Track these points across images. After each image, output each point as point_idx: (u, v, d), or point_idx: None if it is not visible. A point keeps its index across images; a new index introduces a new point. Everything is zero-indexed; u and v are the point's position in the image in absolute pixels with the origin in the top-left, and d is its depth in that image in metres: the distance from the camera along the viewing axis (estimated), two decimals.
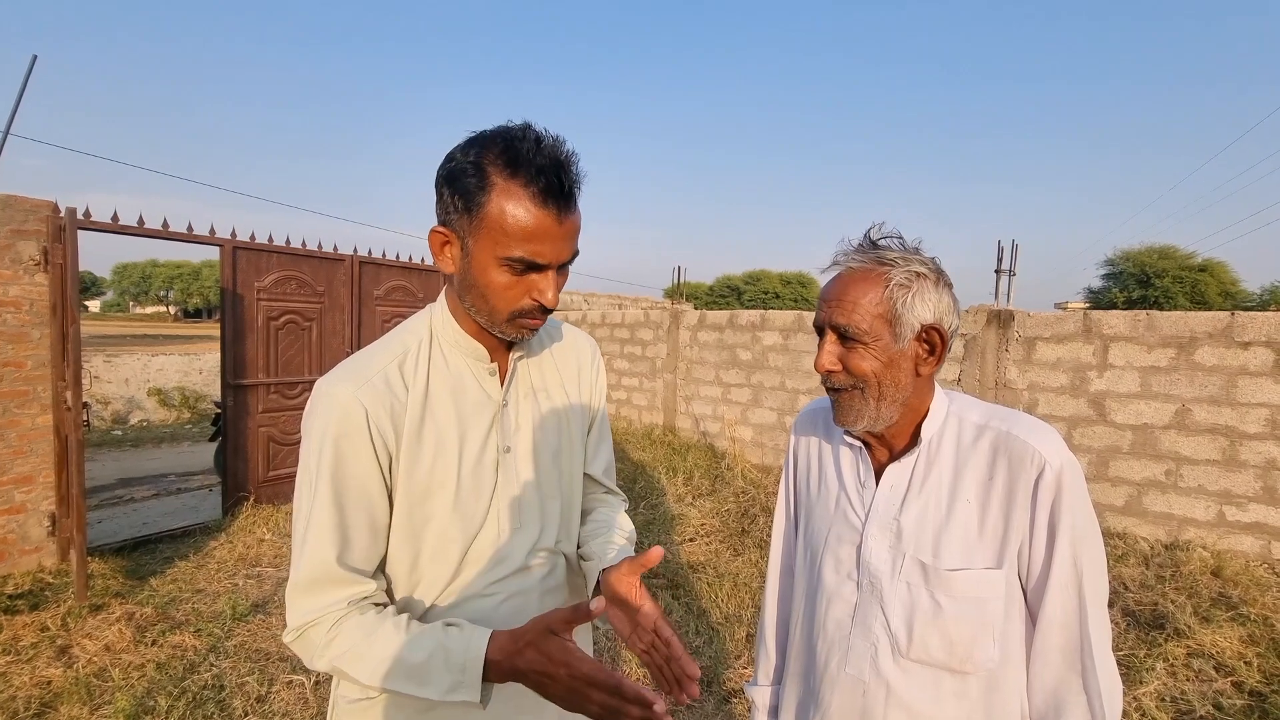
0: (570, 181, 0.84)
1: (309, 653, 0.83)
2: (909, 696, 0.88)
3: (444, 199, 0.85)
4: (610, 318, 8.33)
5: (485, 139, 0.83)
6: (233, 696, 2.56)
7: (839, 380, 0.89)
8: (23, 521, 3.59)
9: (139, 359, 10.55)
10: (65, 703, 2.47)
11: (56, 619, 3.07)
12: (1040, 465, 0.83)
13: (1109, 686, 0.83)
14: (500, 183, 0.81)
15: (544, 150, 0.82)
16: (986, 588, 0.85)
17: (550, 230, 0.83)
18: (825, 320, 0.89)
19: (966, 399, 0.95)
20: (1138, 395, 4.29)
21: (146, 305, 75.05)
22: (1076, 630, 0.83)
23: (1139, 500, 4.30)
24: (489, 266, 0.84)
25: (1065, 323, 4.58)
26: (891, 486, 0.92)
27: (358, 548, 0.86)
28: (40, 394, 3.62)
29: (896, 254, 0.87)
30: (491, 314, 0.89)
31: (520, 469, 0.97)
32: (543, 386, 1.04)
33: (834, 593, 0.95)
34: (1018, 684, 0.87)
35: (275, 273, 4.82)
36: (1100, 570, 0.85)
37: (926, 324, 0.86)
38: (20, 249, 3.53)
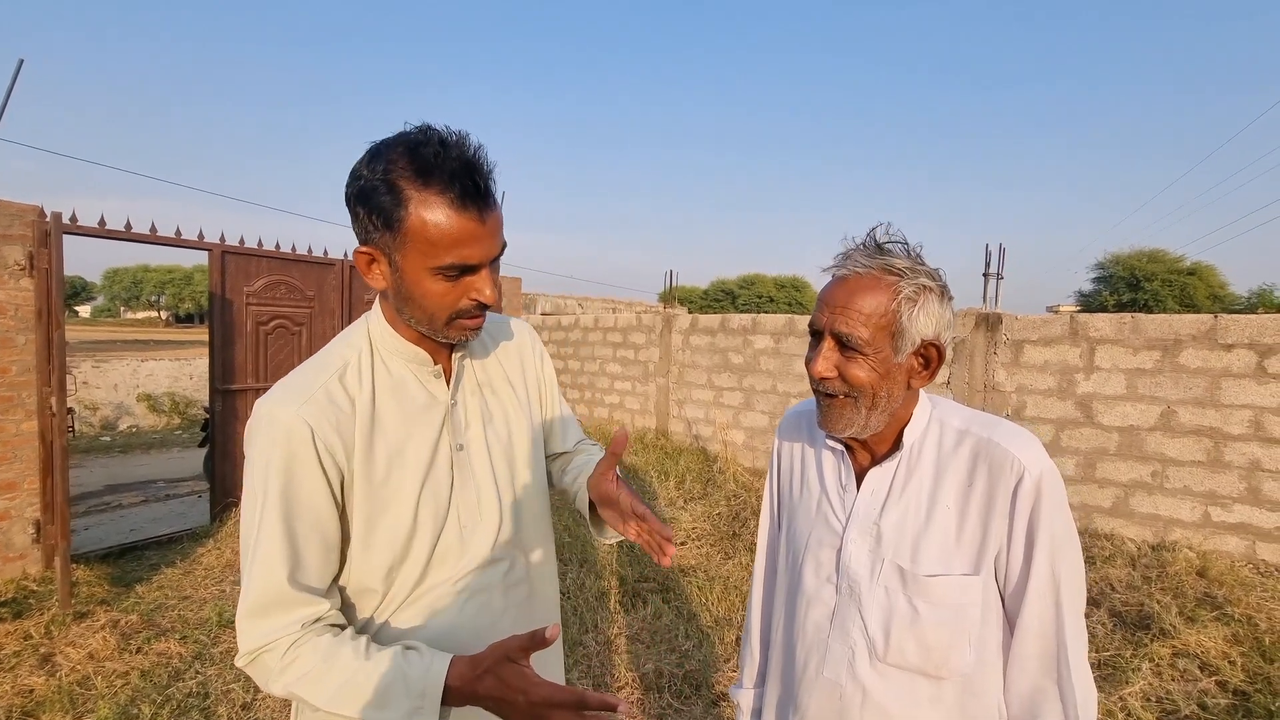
0: (485, 180, 0.82)
1: (264, 677, 0.81)
2: (885, 701, 0.88)
3: (360, 218, 0.83)
4: (603, 321, 8.33)
5: (389, 150, 0.81)
6: (218, 704, 2.54)
7: (833, 387, 0.88)
8: (7, 529, 3.56)
9: (128, 364, 10.49)
10: (47, 711, 2.44)
11: (40, 627, 3.04)
12: (1020, 472, 0.83)
13: (1084, 695, 0.83)
14: (415, 195, 0.79)
15: (451, 153, 0.80)
16: (963, 594, 0.85)
17: (475, 232, 0.82)
18: (827, 326, 0.87)
19: (949, 404, 0.96)
20: (1124, 397, 4.32)
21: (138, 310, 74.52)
22: (1053, 639, 0.83)
23: (1126, 501, 4.33)
24: (422, 278, 0.84)
25: (1052, 325, 4.61)
26: (872, 491, 0.92)
27: (310, 567, 0.84)
28: (25, 400, 3.60)
29: (905, 263, 0.86)
30: (431, 321, 0.88)
31: (475, 465, 0.97)
32: (488, 382, 1.04)
33: (813, 596, 0.95)
34: (994, 689, 0.88)
35: (265, 277, 4.81)
36: (1078, 579, 0.85)
37: (927, 339, 0.86)
38: (5, 254, 3.51)
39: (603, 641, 3.06)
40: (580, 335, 8.59)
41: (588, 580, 3.68)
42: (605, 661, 2.90)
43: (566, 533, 4.43)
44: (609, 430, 7.95)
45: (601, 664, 2.88)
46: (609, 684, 2.75)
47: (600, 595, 3.52)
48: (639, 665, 2.87)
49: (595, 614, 3.30)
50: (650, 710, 2.59)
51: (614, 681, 2.76)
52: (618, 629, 3.18)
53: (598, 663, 2.89)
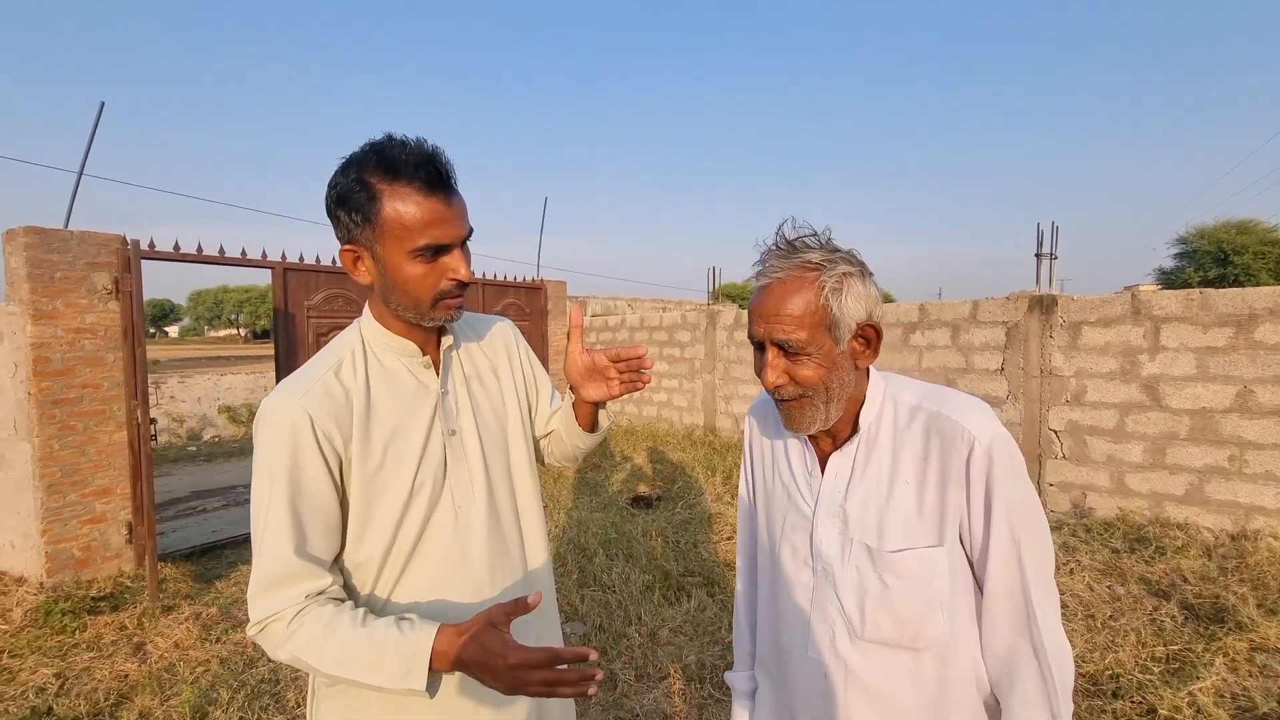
0: (445, 168, 0.92)
1: (271, 645, 0.88)
2: (866, 676, 0.91)
3: (341, 221, 0.93)
4: (649, 321, 8.39)
5: (358, 158, 0.91)
6: (286, 690, 2.73)
7: (787, 392, 0.89)
8: (104, 530, 3.90)
9: (210, 379, 11.24)
10: (140, 694, 2.68)
11: (133, 619, 3.33)
12: (970, 442, 0.85)
13: (1056, 651, 0.84)
14: (386, 188, 0.89)
15: (412, 150, 0.90)
16: (930, 566, 0.87)
17: (443, 213, 0.91)
18: (765, 336, 0.88)
19: (901, 380, 0.97)
20: (1194, 378, 4.07)
21: (219, 328, 79.53)
22: (1021, 599, 0.85)
23: (1200, 488, 4.07)
24: (402, 264, 0.92)
25: (1112, 305, 4.38)
26: (836, 474, 0.95)
27: (314, 545, 0.91)
28: (115, 412, 3.94)
29: (819, 255, 0.86)
30: (418, 305, 0.96)
31: (468, 449, 1.04)
32: (475, 373, 1.11)
33: (792, 580, 0.98)
34: (971, 656, 0.89)
35: (323, 291, 5.09)
36: (1040, 539, 0.86)
37: (861, 322, 0.87)
38: (95, 279, 3.86)
39: (646, 634, 3.11)
40: (627, 335, 8.68)
41: (632, 574, 3.74)
42: (648, 653, 2.95)
43: (613, 529, 4.51)
44: (656, 429, 8.01)
45: (644, 655, 2.93)
46: (651, 675, 2.80)
47: (645, 588, 3.58)
48: (682, 657, 2.91)
49: (639, 606, 3.35)
50: (692, 701, 2.62)
51: (656, 672, 2.81)
52: (661, 621, 3.23)
53: (640, 654, 2.94)
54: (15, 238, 3.66)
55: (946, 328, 5.21)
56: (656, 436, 7.67)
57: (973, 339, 5.06)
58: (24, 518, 3.71)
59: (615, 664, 2.86)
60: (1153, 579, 3.45)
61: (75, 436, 3.78)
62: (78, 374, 3.79)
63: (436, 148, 0.92)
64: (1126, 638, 2.89)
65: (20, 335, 3.65)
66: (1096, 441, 4.45)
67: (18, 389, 3.68)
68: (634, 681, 2.75)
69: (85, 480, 3.82)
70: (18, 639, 3.13)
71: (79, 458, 3.80)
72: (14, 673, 2.87)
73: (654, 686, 2.72)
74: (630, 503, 5.25)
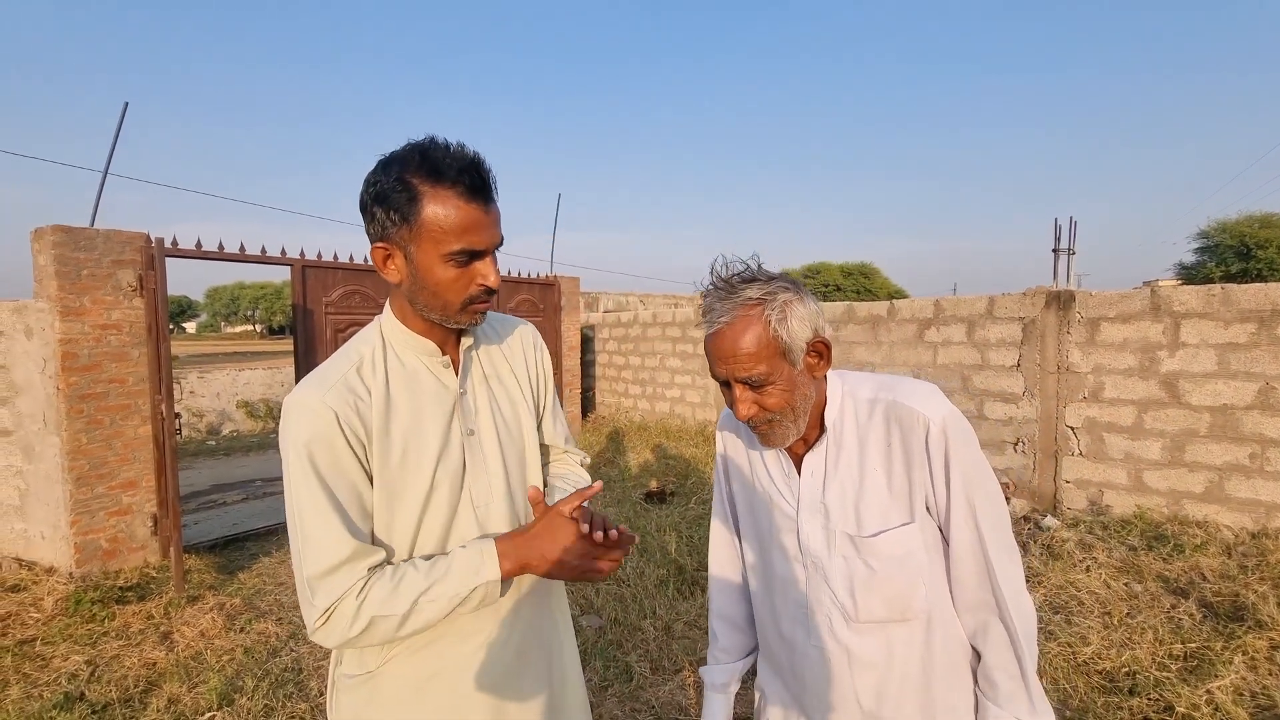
0: (486, 175, 0.93)
1: (342, 625, 0.88)
2: (867, 655, 0.99)
3: (377, 218, 0.93)
4: (661, 317, 8.40)
5: (401, 158, 0.92)
6: (309, 678, 2.79)
7: (760, 419, 0.95)
8: (130, 522, 4.00)
9: (229, 374, 11.41)
10: (167, 681, 2.75)
11: (160, 608, 3.41)
12: (926, 423, 0.93)
13: (1015, 599, 0.94)
14: (429, 190, 0.90)
15: (456, 155, 0.91)
16: (905, 542, 0.96)
17: (481, 220, 0.93)
18: (729, 376, 0.94)
19: (856, 376, 1.04)
20: (1215, 375, 4.02)
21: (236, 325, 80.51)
22: (981, 557, 0.94)
23: (1220, 486, 4.03)
24: (434, 266, 0.93)
25: (1131, 301, 4.34)
26: (812, 473, 1.02)
27: (359, 525, 0.93)
28: (140, 407, 4.02)
29: (757, 290, 0.92)
30: (445, 308, 0.97)
31: (486, 449, 1.06)
32: (494, 373, 1.13)
33: (787, 578, 1.05)
34: (953, 616, 0.99)
35: (341, 288, 5.16)
36: (994, 502, 0.95)
37: (810, 340, 0.94)
38: (120, 277, 3.94)
39: (660, 627, 3.14)
40: (640, 331, 8.70)
41: (647, 568, 3.77)
42: (663, 646, 2.98)
43: (627, 524, 4.54)
44: (670, 425, 8.03)
45: (659, 649, 2.96)
46: (666, 668, 2.83)
47: (659, 583, 3.61)
48: (696, 650, 2.93)
49: (654, 600, 3.38)
50: None
51: (671, 665, 2.84)
52: (675, 615, 3.25)
53: (655, 647, 2.97)
54: (43, 236, 3.74)
55: (962, 324, 5.18)
56: (669, 432, 7.69)
57: (989, 335, 5.03)
58: (53, 509, 3.81)
59: (630, 656, 2.89)
60: (1171, 577, 3.43)
61: (102, 430, 3.87)
62: (104, 369, 3.87)
63: (478, 154, 0.93)
64: (1144, 635, 2.88)
65: (49, 331, 3.74)
66: (1114, 438, 4.42)
67: (47, 384, 3.77)
68: (649, 674, 2.78)
69: (112, 473, 3.91)
70: (50, 627, 3.22)
71: (106, 451, 3.88)
72: (47, 659, 2.95)
73: (669, 679, 2.75)
74: (644, 498, 5.28)
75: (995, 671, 0.95)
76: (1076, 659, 2.75)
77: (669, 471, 6.12)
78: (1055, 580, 3.47)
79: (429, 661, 1.00)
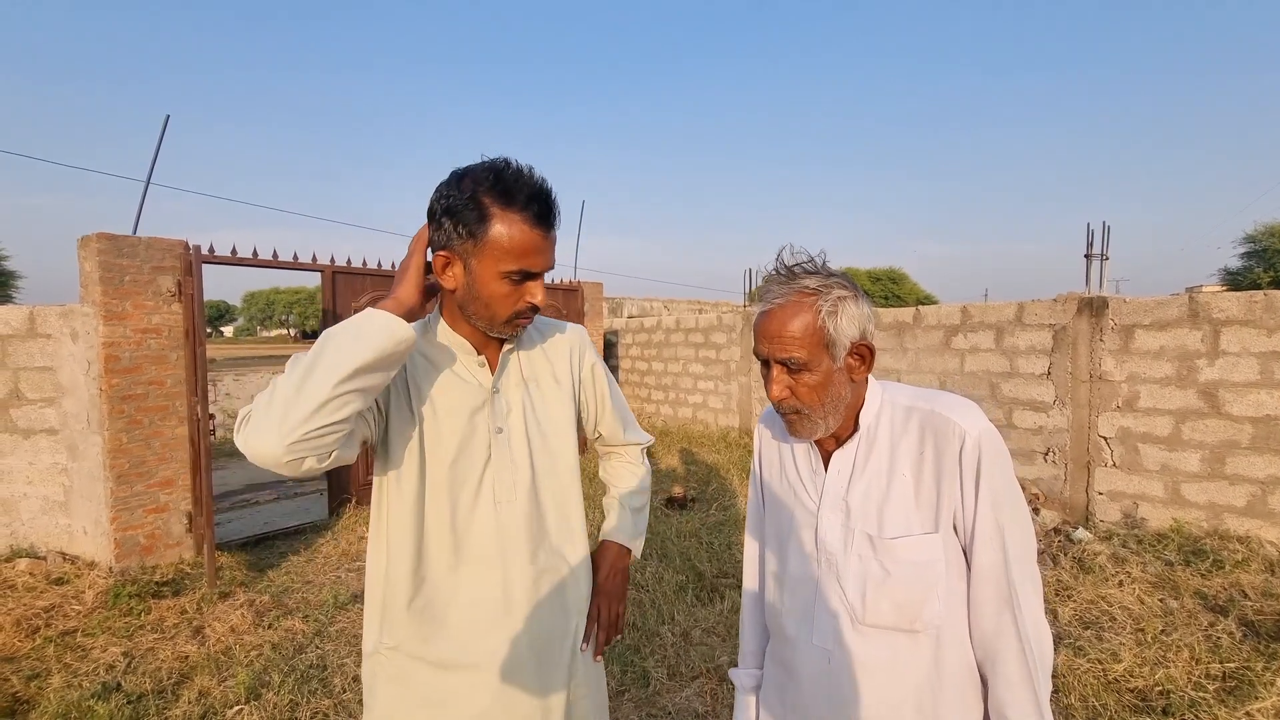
0: (552, 204, 1.01)
1: (249, 412, 0.88)
2: (869, 660, 0.97)
3: (445, 228, 0.99)
4: (684, 322, 8.41)
5: (474, 175, 0.98)
6: (333, 675, 2.85)
7: (790, 405, 0.97)
8: (166, 519, 4.13)
9: (263, 377, 11.72)
10: (199, 674, 2.84)
11: (193, 603, 3.52)
12: (961, 437, 0.93)
13: (1037, 635, 0.91)
14: (498, 212, 0.96)
15: (527, 181, 0.98)
16: (926, 551, 0.94)
17: (540, 245, 1.00)
18: (769, 356, 0.96)
19: (896, 386, 1.05)
20: (1257, 384, 3.88)
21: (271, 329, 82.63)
22: (1004, 580, 0.92)
23: (1264, 500, 3.88)
24: (491, 280, 1.00)
25: (1168, 308, 4.21)
26: (838, 470, 1.02)
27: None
28: (178, 408, 4.16)
29: (815, 281, 0.94)
30: (492, 319, 1.04)
31: (514, 448, 1.10)
32: (533, 376, 1.17)
33: (799, 573, 1.05)
34: (963, 638, 0.96)
35: (369, 293, 5.27)
36: (1022, 526, 0.93)
37: (855, 341, 0.95)
38: (160, 283, 4.09)
39: (679, 633, 3.14)
40: (663, 337, 8.71)
41: (665, 574, 3.77)
42: (681, 653, 2.97)
43: (648, 529, 4.53)
44: (693, 431, 8.01)
45: (677, 655, 2.95)
46: (683, 674, 2.82)
47: (678, 589, 3.60)
48: (714, 657, 2.92)
49: (672, 606, 3.38)
50: (724, 701, 2.63)
51: (688, 671, 2.83)
52: (694, 621, 3.25)
53: (673, 653, 2.96)
54: (89, 244, 3.91)
55: (990, 330, 5.09)
56: (691, 438, 7.67)
57: (1018, 342, 4.92)
58: (95, 506, 3.95)
59: (648, 662, 2.89)
60: (1209, 593, 3.31)
61: (141, 430, 4.01)
62: (144, 371, 4.02)
63: (546, 182, 1.00)
64: (1179, 653, 2.78)
65: (93, 335, 3.90)
66: (1150, 449, 4.28)
67: (90, 385, 3.93)
68: (666, 680, 2.78)
69: (150, 472, 4.05)
70: (90, 619, 3.34)
71: (145, 450, 4.02)
72: (87, 650, 3.07)
73: (686, 685, 2.74)
74: (665, 503, 5.28)
75: (1009, 707, 0.91)
76: (1107, 676, 2.67)
77: (691, 477, 6.10)
78: (1086, 594, 3.37)
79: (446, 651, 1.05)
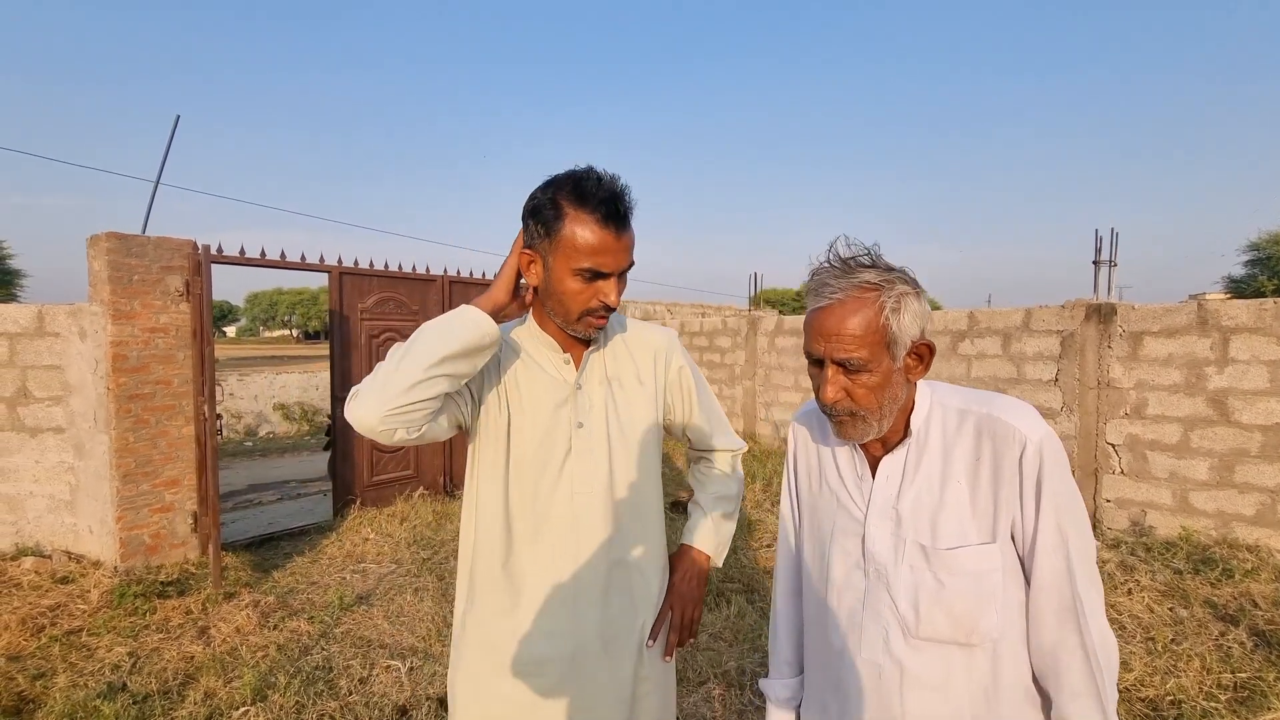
0: (625, 207, 1.06)
1: (360, 389, 1.03)
2: (922, 674, 0.93)
3: (529, 228, 1.09)
4: (689, 326, 8.40)
5: (559, 181, 1.07)
6: (339, 677, 2.84)
7: (843, 407, 0.92)
8: (172, 519, 4.13)
9: (266, 378, 11.74)
10: (204, 675, 2.83)
11: (198, 603, 3.51)
12: (1022, 442, 0.89)
13: (1103, 643, 0.87)
14: (571, 212, 1.04)
15: (603, 185, 1.05)
16: (983, 561, 0.90)
17: (611, 244, 1.05)
18: (826, 355, 0.90)
19: (946, 387, 1.00)
20: (1267, 392, 3.86)
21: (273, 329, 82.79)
22: (1068, 590, 0.88)
23: (1273, 509, 3.86)
24: (564, 277, 1.07)
25: (1177, 315, 4.20)
26: (887, 477, 0.97)
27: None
28: (184, 408, 4.16)
29: (877, 275, 0.89)
30: (566, 314, 1.11)
31: (594, 444, 1.16)
32: (616, 376, 1.21)
33: (844, 583, 1.00)
34: (1021, 651, 0.92)
35: (376, 294, 5.28)
36: (1084, 532, 0.90)
37: (916, 340, 0.91)
38: (168, 282, 4.09)
39: None
40: None
41: None
42: (688, 658, 2.96)
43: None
44: None
45: (684, 660, 2.94)
46: (690, 679, 2.81)
47: None
48: (721, 663, 2.91)
49: None
50: (731, 706, 2.62)
51: (696, 677, 2.82)
52: (701, 627, 3.23)
53: (680, 659, 2.95)
54: (98, 243, 3.91)
55: (997, 336, 5.08)
56: None
57: (1025, 348, 4.91)
58: (101, 505, 3.95)
59: None
60: (1219, 602, 3.29)
61: (148, 429, 4.01)
62: (151, 371, 4.02)
63: (624, 187, 1.07)
64: (1190, 663, 2.77)
65: (101, 334, 3.90)
66: (1158, 457, 4.27)
67: (98, 384, 3.93)
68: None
69: (156, 471, 4.05)
70: (95, 618, 3.33)
71: (151, 450, 4.02)
72: (92, 650, 3.06)
73: (694, 691, 2.73)
74: (670, 508, 5.27)
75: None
76: (1118, 685, 2.65)
77: None
78: None
79: (524, 622, 1.13)
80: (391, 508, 5.21)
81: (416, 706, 2.61)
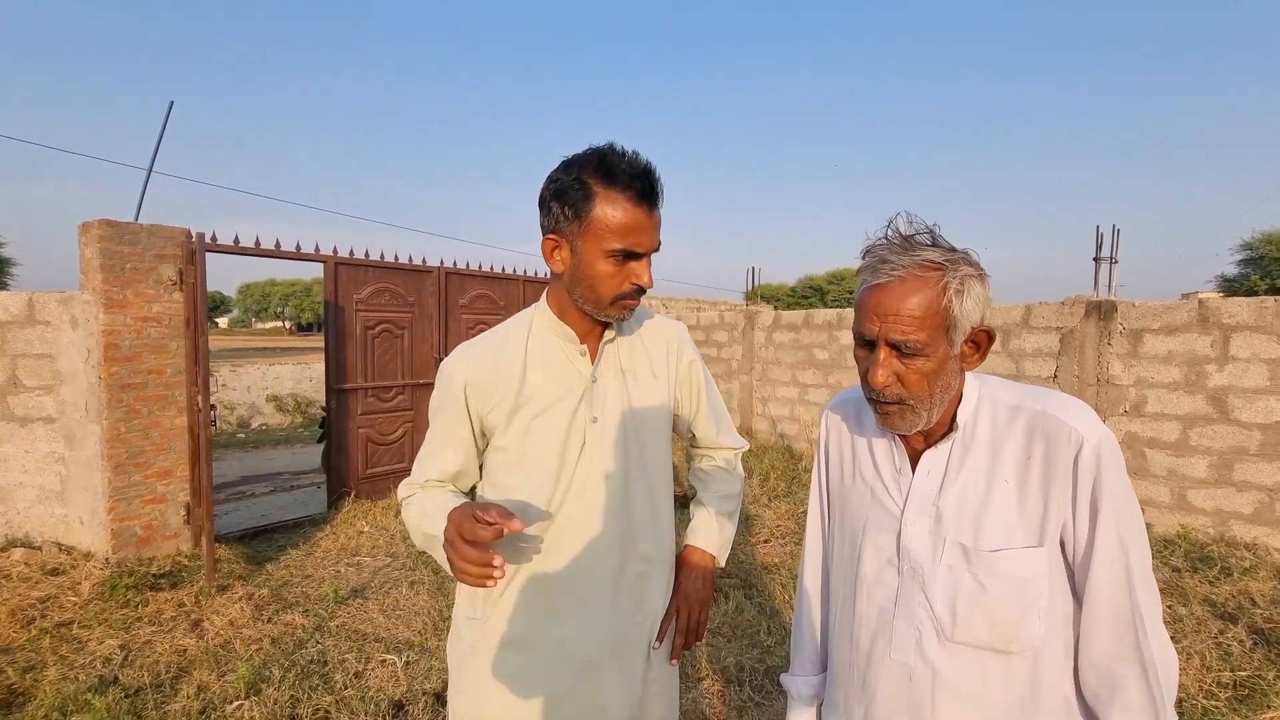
0: (655, 184, 1.03)
1: (401, 493, 1.17)
2: (956, 679, 0.88)
3: (552, 212, 1.04)
4: (685, 320, 8.37)
5: (581, 160, 1.02)
6: (334, 671, 2.81)
7: (893, 394, 0.86)
8: (164, 510, 4.08)
9: (259, 369, 11.65)
10: (197, 669, 2.79)
11: (191, 596, 3.47)
12: (1079, 442, 0.83)
13: (1164, 657, 0.81)
14: (601, 191, 1.00)
15: (630, 161, 1.01)
16: (1028, 566, 0.84)
17: (643, 224, 1.02)
18: (881, 336, 0.84)
19: (996, 381, 0.94)
20: (1267, 390, 3.86)
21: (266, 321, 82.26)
22: (1127, 604, 0.82)
23: (1271, 507, 3.87)
24: (596, 260, 1.02)
25: (1177, 312, 4.19)
26: (929, 472, 0.92)
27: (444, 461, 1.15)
28: (177, 398, 4.11)
29: (940, 255, 0.83)
30: (598, 300, 1.06)
31: (607, 438, 1.12)
32: (630, 368, 1.18)
33: (875, 580, 0.95)
34: (1062, 661, 0.87)
35: (371, 285, 5.22)
36: (1144, 541, 0.84)
37: (976, 326, 0.86)
38: (161, 271, 4.03)
39: None
40: None
41: None
42: (687, 654, 2.94)
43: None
44: None
45: (683, 656, 2.92)
46: (689, 675, 2.79)
47: None
48: (720, 659, 2.89)
49: None
50: (731, 703, 2.61)
51: (694, 673, 2.80)
52: None
53: None
54: (90, 230, 3.84)
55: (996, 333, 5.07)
56: None
57: (1024, 345, 4.90)
58: (92, 495, 3.90)
59: None
60: (1218, 601, 3.30)
61: (140, 420, 3.95)
62: (144, 360, 3.96)
63: (651, 163, 1.02)
64: (1190, 661, 2.77)
65: (93, 322, 3.84)
66: (1157, 454, 4.27)
67: (89, 373, 3.87)
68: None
69: (148, 462, 3.99)
70: (86, 611, 3.29)
71: (143, 440, 3.97)
72: (83, 643, 3.02)
73: (692, 687, 2.71)
74: None
75: None
76: None
77: None
78: None
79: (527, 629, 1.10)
80: (386, 500, 5.17)
81: (413, 701, 2.58)
